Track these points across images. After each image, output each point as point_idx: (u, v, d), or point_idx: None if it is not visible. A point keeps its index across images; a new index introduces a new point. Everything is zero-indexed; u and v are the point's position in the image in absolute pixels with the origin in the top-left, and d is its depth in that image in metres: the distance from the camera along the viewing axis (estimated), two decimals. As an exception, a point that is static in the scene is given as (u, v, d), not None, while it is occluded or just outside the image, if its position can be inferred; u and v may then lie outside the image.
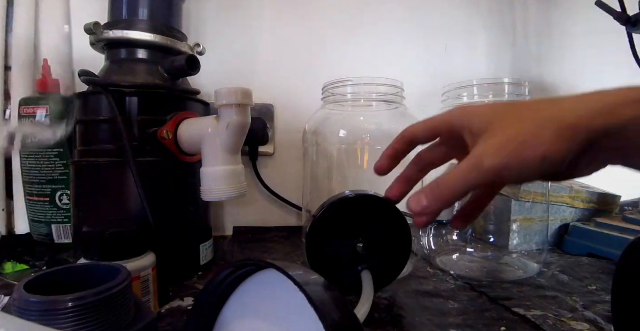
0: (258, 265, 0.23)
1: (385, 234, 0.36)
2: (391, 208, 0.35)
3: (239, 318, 0.24)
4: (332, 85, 0.48)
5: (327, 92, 0.49)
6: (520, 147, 0.23)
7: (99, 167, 0.41)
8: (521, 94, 0.46)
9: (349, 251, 0.36)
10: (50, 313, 0.19)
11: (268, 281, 0.23)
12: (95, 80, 0.42)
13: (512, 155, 0.24)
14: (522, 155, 0.23)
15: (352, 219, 0.36)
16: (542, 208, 0.51)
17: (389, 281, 0.38)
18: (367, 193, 0.36)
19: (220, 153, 0.38)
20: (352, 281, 0.35)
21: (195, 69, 0.44)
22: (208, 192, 0.38)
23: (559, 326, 0.32)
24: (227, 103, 0.36)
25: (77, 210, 0.43)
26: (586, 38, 0.75)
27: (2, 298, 0.37)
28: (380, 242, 0.37)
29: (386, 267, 0.37)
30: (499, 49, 0.75)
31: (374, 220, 0.36)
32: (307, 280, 0.20)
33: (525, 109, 0.26)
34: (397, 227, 0.36)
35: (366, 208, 0.36)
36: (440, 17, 0.73)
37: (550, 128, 0.23)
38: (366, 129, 0.48)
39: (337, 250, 0.36)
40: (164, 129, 0.40)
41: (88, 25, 0.42)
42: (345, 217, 0.36)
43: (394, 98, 0.48)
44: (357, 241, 0.36)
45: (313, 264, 0.36)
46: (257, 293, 0.23)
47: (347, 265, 0.36)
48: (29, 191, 0.54)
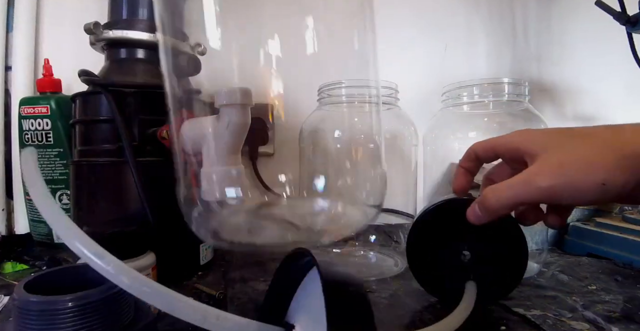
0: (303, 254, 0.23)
1: (496, 244, 0.33)
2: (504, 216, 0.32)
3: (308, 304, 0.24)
4: (327, 87, 0.48)
5: (322, 93, 0.49)
6: (579, 172, 0.24)
7: (99, 167, 0.41)
8: (521, 94, 0.46)
9: (453, 259, 0.34)
10: (50, 313, 0.19)
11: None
12: (95, 80, 0.42)
13: (568, 179, 0.24)
14: (580, 180, 0.23)
15: (458, 225, 0.33)
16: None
17: (499, 296, 0.35)
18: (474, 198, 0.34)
19: (220, 153, 0.38)
20: (456, 292, 0.33)
21: (197, 70, 0.44)
22: (208, 192, 0.38)
23: (559, 326, 0.32)
24: (227, 103, 0.36)
25: (77, 210, 0.43)
26: (586, 38, 0.75)
27: (2, 298, 0.37)
28: (490, 252, 0.34)
29: (496, 281, 0.34)
30: (499, 49, 0.75)
31: (484, 228, 0.32)
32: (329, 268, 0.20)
33: (585, 136, 0.26)
34: (511, 237, 0.33)
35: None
36: (440, 17, 0.73)
37: (611, 155, 0.23)
38: (361, 130, 0.48)
39: (440, 257, 0.34)
40: (164, 129, 0.40)
41: (88, 25, 0.42)
42: (451, 222, 0.34)
43: (388, 100, 0.48)
44: (463, 249, 0.34)
45: (413, 267, 0.35)
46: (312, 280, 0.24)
47: (452, 273, 0.34)
48: (29, 191, 0.54)
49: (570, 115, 0.75)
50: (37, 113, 0.53)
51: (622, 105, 0.74)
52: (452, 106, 0.49)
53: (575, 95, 0.74)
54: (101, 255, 0.19)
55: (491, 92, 0.46)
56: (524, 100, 0.46)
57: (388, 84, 0.48)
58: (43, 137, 0.53)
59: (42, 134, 0.53)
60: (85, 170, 0.42)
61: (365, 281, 0.35)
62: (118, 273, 0.19)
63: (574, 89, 0.74)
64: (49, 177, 0.53)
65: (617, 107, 0.74)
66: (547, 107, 0.75)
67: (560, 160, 0.25)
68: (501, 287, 0.35)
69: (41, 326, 0.19)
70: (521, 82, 0.46)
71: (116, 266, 0.19)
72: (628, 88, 0.75)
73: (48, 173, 0.53)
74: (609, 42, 0.68)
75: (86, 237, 0.20)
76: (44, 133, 0.53)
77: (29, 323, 0.20)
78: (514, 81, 0.46)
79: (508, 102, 0.46)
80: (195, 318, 0.19)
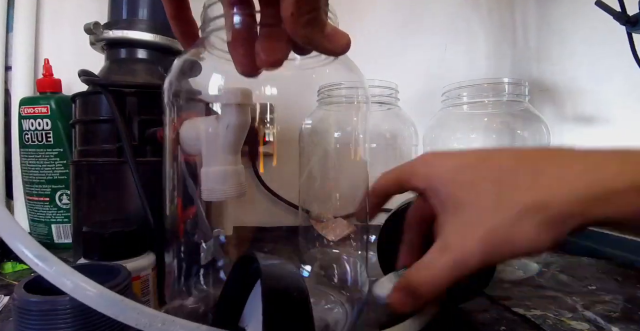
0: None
1: None
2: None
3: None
4: (327, 88, 0.48)
5: (322, 94, 0.49)
6: (503, 243, 0.22)
7: (99, 167, 0.41)
8: (521, 94, 0.46)
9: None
10: (50, 313, 0.19)
11: None
12: (95, 80, 0.42)
13: (495, 251, 0.22)
14: (506, 251, 0.22)
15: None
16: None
17: (469, 296, 0.35)
18: None
19: (220, 153, 0.38)
20: None
21: (197, 70, 0.44)
22: (208, 192, 0.38)
23: (559, 326, 0.32)
24: (227, 104, 0.36)
25: (77, 210, 0.43)
26: (586, 38, 0.75)
27: (2, 298, 0.37)
28: None
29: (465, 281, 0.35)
30: (499, 49, 0.75)
31: None
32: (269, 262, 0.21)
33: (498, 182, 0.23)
34: None
35: None
36: (440, 17, 0.73)
37: (532, 220, 0.21)
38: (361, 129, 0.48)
39: None
40: (164, 129, 0.40)
41: (88, 25, 0.42)
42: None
43: (388, 100, 0.48)
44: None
45: (384, 263, 0.35)
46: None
47: None
48: (29, 191, 0.54)
49: (570, 115, 0.75)
50: (37, 113, 0.53)
51: (622, 105, 0.74)
52: (452, 106, 0.49)
53: (575, 95, 0.74)
54: (45, 258, 0.19)
55: (491, 92, 0.46)
56: (524, 100, 0.46)
57: (388, 84, 0.48)
58: (43, 137, 0.53)
59: (42, 134, 0.53)
60: (85, 170, 0.42)
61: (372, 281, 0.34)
62: (59, 276, 0.18)
63: (574, 89, 0.74)
64: (49, 177, 0.53)
65: (617, 107, 0.74)
66: (547, 107, 0.75)
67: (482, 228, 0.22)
68: (473, 285, 0.34)
69: (41, 326, 0.19)
70: (521, 82, 0.46)
71: (59, 268, 0.19)
72: (628, 88, 0.75)
73: (48, 173, 0.53)
74: (609, 42, 0.68)
75: (29, 238, 0.19)
76: (44, 133, 0.53)
77: (29, 323, 0.19)
78: (514, 81, 0.46)
79: (508, 102, 0.46)
80: (141, 322, 0.18)
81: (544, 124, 0.45)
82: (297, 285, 0.20)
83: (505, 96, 0.46)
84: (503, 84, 0.46)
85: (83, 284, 0.19)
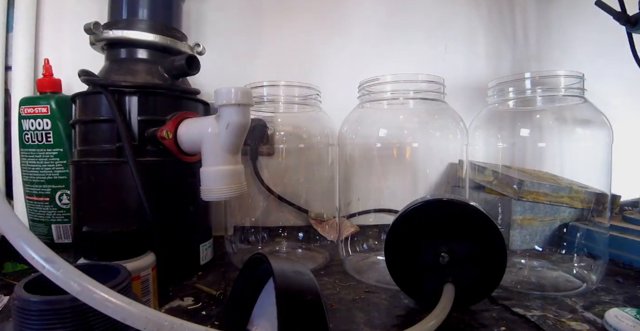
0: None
1: (474, 246, 0.33)
2: (483, 218, 0.31)
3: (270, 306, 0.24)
4: (369, 83, 0.45)
5: (363, 90, 0.46)
6: None
7: (99, 167, 0.41)
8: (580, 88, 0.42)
9: (431, 261, 0.34)
10: (50, 313, 0.19)
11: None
12: (95, 80, 0.42)
13: None
14: None
15: (436, 226, 0.33)
16: (544, 209, 0.51)
17: (477, 299, 0.35)
18: (456, 200, 0.34)
19: (220, 153, 0.38)
20: (434, 294, 0.33)
21: (195, 69, 0.44)
22: (208, 192, 0.38)
23: (559, 327, 0.32)
24: (227, 104, 0.36)
25: (77, 210, 0.43)
26: (586, 38, 0.75)
27: (2, 298, 0.37)
28: (469, 254, 0.33)
29: (474, 284, 0.34)
30: (499, 49, 0.75)
31: (462, 230, 0.33)
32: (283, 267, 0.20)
33: None
34: (489, 239, 0.33)
35: (454, 216, 0.33)
36: (441, 17, 0.73)
37: None
38: (407, 127, 0.46)
39: (418, 257, 0.34)
40: (164, 129, 0.40)
41: (88, 25, 0.42)
42: (429, 223, 0.33)
43: (436, 96, 0.45)
44: (441, 251, 0.34)
45: (391, 267, 0.35)
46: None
47: (430, 275, 0.34)
48: (29, 191, 0.54)
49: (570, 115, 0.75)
50: (37, 113, 0.53)
51: (622, 105, 0.74)
52: (497, 103, 0.46)
53: (575, 95, 0.74)
54: (52, 260, 0.19)
55: (542, 87, 0.42)
56: (582, 95, 0.42)
57: (435, 78, 0.44)
58: (43, 137, 0.53)
59: (42, 134, 0.53)
60: (85, 170, 0.42)
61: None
62: (67, 279, 0.18)
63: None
64: (49, 177, 0.53)
65: (617, 107, 0.74)
66: (547, 107, 0.75)
67: None
68: (481, 288, 0.34)
69: (41, 326, 0.19)
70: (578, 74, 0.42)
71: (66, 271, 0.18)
72: (628, 88, 0.75)
73: (48, 173, 0.53)
74: (609, 42, 0.68)
75: (36, 239, 0.19)
76: (44, 133, 0.53)
77: (29, 323, 0.20)
78: (570, 74, 0.42)
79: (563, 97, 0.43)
80: (150, 327, 0.18)
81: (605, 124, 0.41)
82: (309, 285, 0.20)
83: (561, 90, 0.42)
84: (559, 77, 0.42)
85: (91, 287, 0.18)
